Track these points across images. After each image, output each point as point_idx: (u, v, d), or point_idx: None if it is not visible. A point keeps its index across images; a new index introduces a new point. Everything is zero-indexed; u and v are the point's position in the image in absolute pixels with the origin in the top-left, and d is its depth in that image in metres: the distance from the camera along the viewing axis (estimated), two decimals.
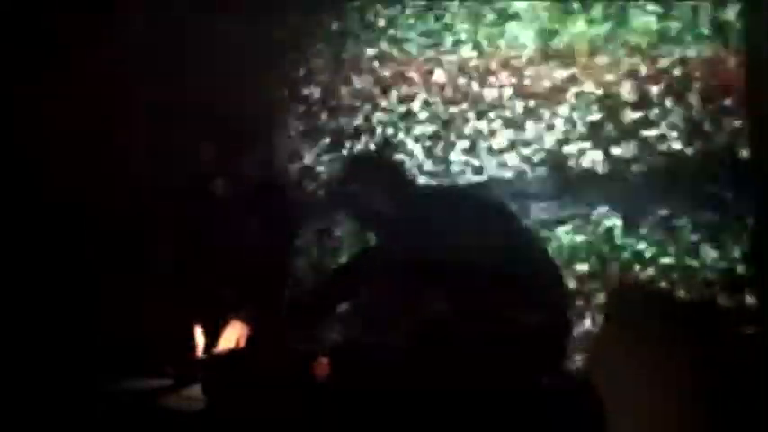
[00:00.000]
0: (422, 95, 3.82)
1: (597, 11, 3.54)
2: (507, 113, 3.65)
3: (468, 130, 3.71)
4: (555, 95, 3.59)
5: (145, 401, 2.64)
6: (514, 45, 3.64)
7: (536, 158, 3.60)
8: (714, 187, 3.37)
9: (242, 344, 2.91)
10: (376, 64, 3.92)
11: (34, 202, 3.80)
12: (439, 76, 3.78)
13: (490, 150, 3.66)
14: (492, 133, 3.66)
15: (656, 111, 3.46)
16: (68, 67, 3.91)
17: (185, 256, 3.17)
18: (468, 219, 2.65)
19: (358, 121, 3.96)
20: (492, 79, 3.68)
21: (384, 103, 3.89)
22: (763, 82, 3.02)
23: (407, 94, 3.85)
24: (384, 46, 3.91)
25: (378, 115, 3.89)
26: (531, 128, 3.61)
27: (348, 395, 2.42)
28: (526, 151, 3.61)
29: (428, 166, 3.74)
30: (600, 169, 3.52)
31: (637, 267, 3.42)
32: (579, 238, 3.51)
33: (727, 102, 3.37)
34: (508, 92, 3.66)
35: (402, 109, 3.86)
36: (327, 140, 4.01)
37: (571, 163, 3.55)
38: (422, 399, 2.32)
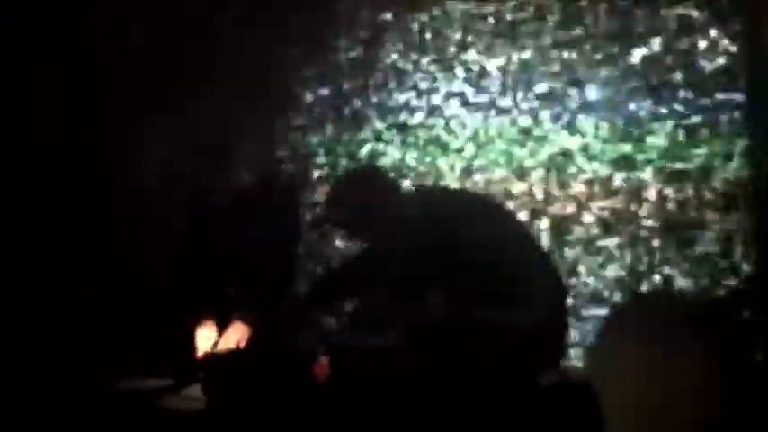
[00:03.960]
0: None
1: None
2: None
3: None
4: None
5: (145, 401, 2.64)
6: None
7: None
8: None
9: (242, 344, 2.91)
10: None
11: (35, 202, 3.80)
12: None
13: None
14: None
15: None
16: (68, 68, 3.92)
17: (186, 257, 3.17)
18: (461, 219, 2.65)
19: (358, 120, 3.97)
20: None
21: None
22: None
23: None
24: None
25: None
26: None
27: (348, 395, 2.42)
28: None
29: None
30: None
31: None
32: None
33: None
34: None
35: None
36: (327, 140, 4.02)
37: None
38: (420, 399, 2.32)
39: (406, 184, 3.69)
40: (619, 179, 3.47)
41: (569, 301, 3.12)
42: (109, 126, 3.90)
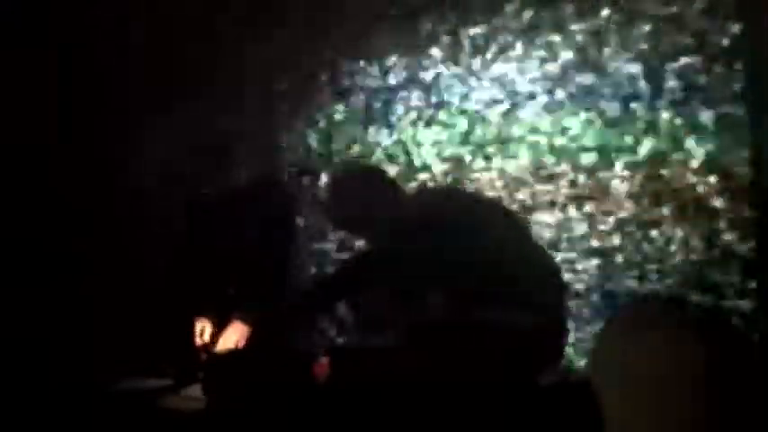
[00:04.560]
0: None
1: None
2: None
3: None
4: None
5: (145, 401, 2.64)
6: None
7: None
8: None
9: (242, 344, 2.91)
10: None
11: (35, 202, 3.80)
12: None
13: None
14: None
15: None
16: (68, 68, 3.92)
17: (185, 257, 3.17)
18: (461, 218, 2.65)
19: (356, 119, 3.96)
20: None
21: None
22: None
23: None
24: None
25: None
26: None
27: (348, 395, 2.42)
28: None
29: None
30: None
31: None
32: None
33: None
34: None
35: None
36: (327, 140, 4.02)
37: None
38: (421, 399, 2.32)
39: (407, 183, 3.68)
40: (617, 177, 3.47)
41: (569, 300, 3.12)
42: (109, 126, 3.90)
